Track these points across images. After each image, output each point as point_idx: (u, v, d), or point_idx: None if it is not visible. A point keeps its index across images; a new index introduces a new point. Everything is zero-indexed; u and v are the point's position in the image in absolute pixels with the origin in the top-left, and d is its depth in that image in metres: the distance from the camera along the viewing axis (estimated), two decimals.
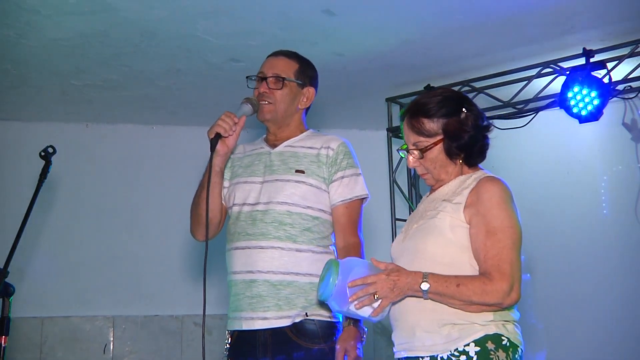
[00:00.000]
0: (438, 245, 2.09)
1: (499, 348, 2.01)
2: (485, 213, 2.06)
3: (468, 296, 1.98)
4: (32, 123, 5.24)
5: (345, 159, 2.58)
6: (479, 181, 2.13)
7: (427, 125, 2.17)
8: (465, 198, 2.10)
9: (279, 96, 2.60)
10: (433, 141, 2.17)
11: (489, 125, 2.23)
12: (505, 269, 1.99)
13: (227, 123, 2.49)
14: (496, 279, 1.99)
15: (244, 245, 2.53)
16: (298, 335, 2.45)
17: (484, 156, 2.24)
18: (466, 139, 2.16)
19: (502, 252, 2.01)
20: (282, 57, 2.68)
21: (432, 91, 2.31)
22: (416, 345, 2.09)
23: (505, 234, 2.03)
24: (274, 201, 2.53)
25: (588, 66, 4.17)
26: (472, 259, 2.07)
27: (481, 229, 2.05)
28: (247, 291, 2.49)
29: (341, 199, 2.56)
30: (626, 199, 4.92)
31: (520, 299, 2.01)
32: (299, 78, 2.65)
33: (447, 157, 2.18)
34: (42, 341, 5.05)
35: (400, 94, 5.01)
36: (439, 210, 2.13)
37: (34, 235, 4.96)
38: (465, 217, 2.08)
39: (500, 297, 1.98)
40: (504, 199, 2.08)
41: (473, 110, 2.20)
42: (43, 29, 3.83)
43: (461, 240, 2.08)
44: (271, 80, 2.61)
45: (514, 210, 2.09)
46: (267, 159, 2.63)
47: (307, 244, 2.51)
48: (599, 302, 4.89)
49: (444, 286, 1.99)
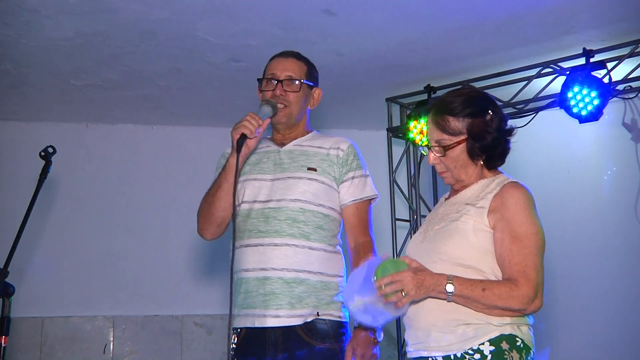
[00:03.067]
0: (460, 248, 2.09)
1: (513, 349, 2.02)
2: (511, 219, 2.06)
3: (493, 301, 1.99)
4: (32, 123, 5.24)
5: (355, 160, 2.60)
6: (504, 186, 2.14)
7: (452, 123, 2.16)
8: (489, 202, 2.11)
9: (294, 98, 2.60)
10: (456, 140, 2.16)
11: (512, 129, 2.23)
12: (530, 275, 2.00)
13: (252, 125, 2.46)
14: (522, 285, 1.99)
15: (256, 243, 2.52)
16: (309, 334, 2.45)
17: (504, 160, 2.25)
18: (489, 140, 2.17)
19: (527, 258, 2.02)
20: (292, 59, 2.66)
21: (459, 89, 2.30)
22: (431, 345, 2.09)
23: (531, 241, 2.04)
24: (287, 198, 2.53)
25: (588, 66, 4.17)
26: (493, 263, 2.08)
27: (506, 234, 2.05)
28: (260, 288, 2.48)
29: (352, 199, 2.58)
30: (626, 199, 4.91)
31: (542, 305, 2.02)
32: (310, 79, 2.66)
33: (469, 158, 2.18)
34: (42, 341, 5.05)
35: (400, 94, 5.01)
36: (462, 213, 2.13)
37: (34, 235, 4.95)
38: (490, 222, 2.09)
39: (525, 302, 1.99)
40: (528, 205, 2.09)
41: (498, 112, 2.20)
42: (43, 29, 3.83)
43: (484, 244, 2.08)
44: (287, 83, 2.60)
45: (537, 216, 2.10)
46: (276, 157, 2.62)
47: (320, 242, 2.52)
48: (599, 302, 4.89)
49: (470, 289, 1.99)
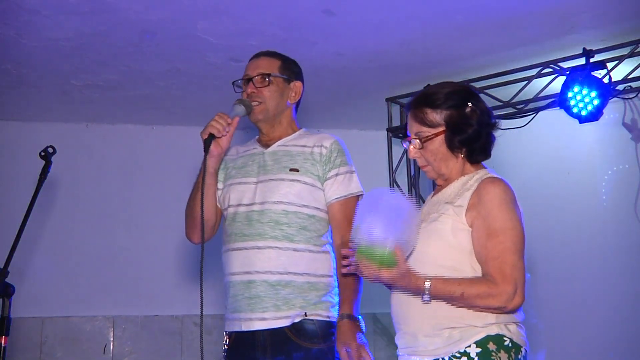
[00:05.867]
0: (440, 249, 2.08)
1: (500, 349, 2.00)
2: (487, 215, 2.04)
3: (472, 300, 1.98)
4: (32, 123, 5.23)
5: (339, 156, 2.58)
6: (481, 182, 2.11)
7: (430, 115, 2.16)
8: (467, 200, 2.09)
9: (267, 94, 2.61)
10: (434, 132, 2.16)
11: (495, 123, 2.21)
12: (507, 272, 1.98)
13: (220, 124, 2.49)
14: (499, 283, 1.97)
15: (240, 246, 2.53)
16: (297, 335, 2.45)
17: (487, 154, 2.22)
18: (469, 133, 2.15)
19: (503, 255, 2.00)
20: (264, 57, 2.70)
21: (442, 83, 2.28)
22: (419, 349, 2.09)
23: (507, 236, 2.02)
24: (270, 201, 2.53)
25: (588, 66, 4.17)
26: (474, 262, 2.06)
27: (483, 231, 2.04)
28: (245, 292, 2.50)
29: (336, 197, 2.56)
30: (626, 199, 4.91)
31: (524, 302, 2.00)
32: (284, 73, 2.65)
33: (449, 150, 2.17)
34: (42, 341, 5.05)
35: (400, 94, 5.01)
36: (441, 213, 2.12)
37: (34, 235, 4.95)
38: (467, 220, 2.07)
39: (504, 300, 1.97)
40: (505, 200, 2.06)
41: (479, 106, 2.18)
42: (43, 29, 3.83)
43: (463, 244, 2.07)
44: (257, 79, 2.61)
45: (515, 211, 2.07)
46: (260, 159, 2.63)
47: (305, 242, 2.52)
48: (599, 302, 4.88)
49: (447, 289, 1.98)
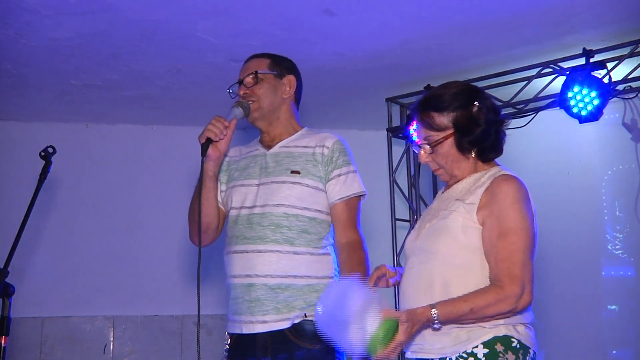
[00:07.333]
0: (449, 247, 2.06)
1: (508, 350, 1.98)
2: (499, 214, 2.01)
3: (483, 312, 1.95)
4: (32, 123, 5.23)
5: (341, 156, 2.57)
6: (494, 180, 2.08)
7: (437, 119, 2.13)
8: (479, 198, 2.06)
9: (259, 91, 2.61)
10: (443, 135, 2.12)
11: (504, 119, 2.18)
12: (516, 273, 1.96)
13: (217, 127, 2.49)
14: (507, 285, 1.95)
15: (242, 249, 2.53)
16: (297, 336, 2.45)
17: (498, 151, 2.18)
18: (478, 133, 2.11)
19: (513, 255, 1.97)
20: (253, 59, 2.71)
21: (444, 84, 2.24)
22: (426, 348, 2.07)
23: (519, 236, 1.99)
24: (271, 203, 2.52)
25: (588, 66, 4.17)
26: (483, 261, 2.04)
27: (494, 230, 2.01)
28: (245, 295, 2.50)
29: (339, 197, 2.55)
30: (626, 199, 4.91)
31: (532, 300, 1.98)
32: (274, 69, 2.65)
33: (459, 152, 2.13)
34: (42, 341, 5.05)
35: (400, 94, 5.01)
36: (452, 210, 2.09)
37: (34, 235, 4.95)
38: (478, 219, 2.05)
39: (513, 302, 1.95)
40: (518, 199, 2.04)
41: (486, 103, 2.14)
42: (43, 29, 3.82)
43: (473, 242, 2.04)
44: (247, 80, 2.62)
45: (528, 211, 2.04)
46: (262, 161, 2.62)
47: (305, 246, 2.51)
48: (599, 302, 4.89)
49: (455, 310, 1.95)
